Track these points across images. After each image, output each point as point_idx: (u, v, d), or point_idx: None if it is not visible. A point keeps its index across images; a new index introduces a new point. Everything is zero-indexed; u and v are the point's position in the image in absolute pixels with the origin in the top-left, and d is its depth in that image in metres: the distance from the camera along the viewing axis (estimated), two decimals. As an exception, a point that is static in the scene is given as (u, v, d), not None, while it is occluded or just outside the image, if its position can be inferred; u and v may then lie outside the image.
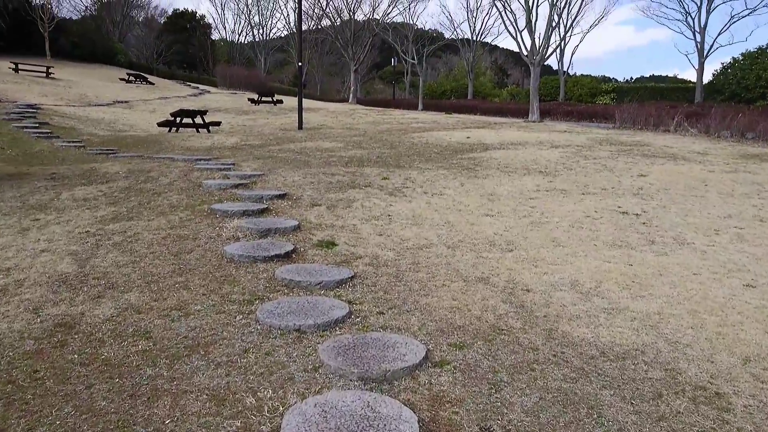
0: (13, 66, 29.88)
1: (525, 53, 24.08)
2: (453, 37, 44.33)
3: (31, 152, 12.78)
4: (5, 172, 9.49)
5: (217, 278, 4.75)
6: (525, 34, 23.98)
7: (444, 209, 7.45)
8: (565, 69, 39.21)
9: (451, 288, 4.69)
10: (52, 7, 41.54)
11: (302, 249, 5.58)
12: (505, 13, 25.67)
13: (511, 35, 24.08)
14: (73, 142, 14.28)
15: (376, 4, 38.69)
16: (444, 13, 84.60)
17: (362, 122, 21.40)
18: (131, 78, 35.40)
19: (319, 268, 4.96)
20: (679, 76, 55.57)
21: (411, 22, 42.78)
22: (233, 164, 10.09)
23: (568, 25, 26.71)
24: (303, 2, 38.74)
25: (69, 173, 9.38)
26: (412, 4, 39.67)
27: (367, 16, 39.27)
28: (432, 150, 13.17)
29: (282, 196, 7.52)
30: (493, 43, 65.73)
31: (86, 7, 53.51)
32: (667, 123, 18.62)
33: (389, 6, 39.07)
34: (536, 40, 23.58)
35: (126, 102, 26.94)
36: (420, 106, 34.39)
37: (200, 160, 10.57)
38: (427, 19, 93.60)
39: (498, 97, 42.64)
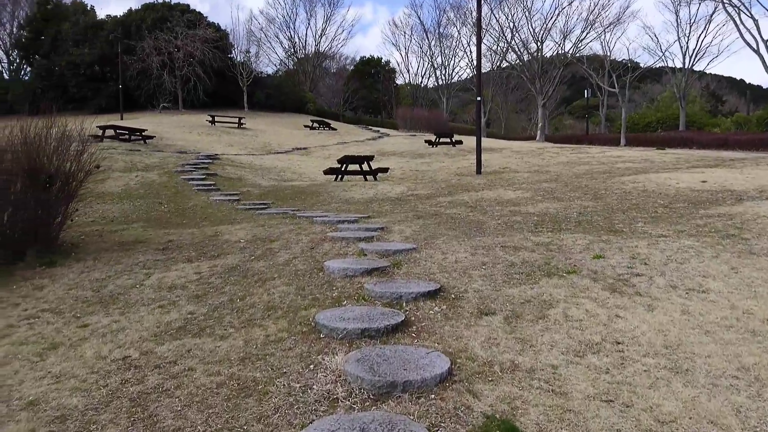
0: (210, 118, 31.70)
1: (770, 69, 18.80)
2: (658, 62, 38.51)
3: (182, 208, 11.76)
4: (122, 240, 8.09)
5: None
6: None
7: (723, 329, 4.08)
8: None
9: None
10: (251, 64, 44.71)
11: (449, 446, 2.73)
12: (740, 20, 20.47)
13: (751, 47, 18.92)
14: (230, 195, 13.18)
15: (568, 31, 34.70)
16: (648, 34, 72.08)
17: (553, 163, 18.01)
18: (314, 125, 35.90)
19: None
20: None
21: (606, 49, 38.11)
22: (382, 228, 7.62)
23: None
24: (487, 37, 36.44)
25: (186, 241, 7.66)
26: (609, 28, 35.15)
27: (558, 44, 35.54)
28: (656, 202, 9.52)
29: (433, 294, 4.77)
30: (701, 69, 56.72)
31: (281, 60, 57.32)
32: None
33: (583, 32, 34.95)
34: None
35: (304, 149, 26.67)
36: (622, 141, 29.64)
37: (344, 222, 8.30)
38: (627, 42, 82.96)
39: (718, 126, 35.77)
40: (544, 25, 36.15)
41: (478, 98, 16.59)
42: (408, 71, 66.84)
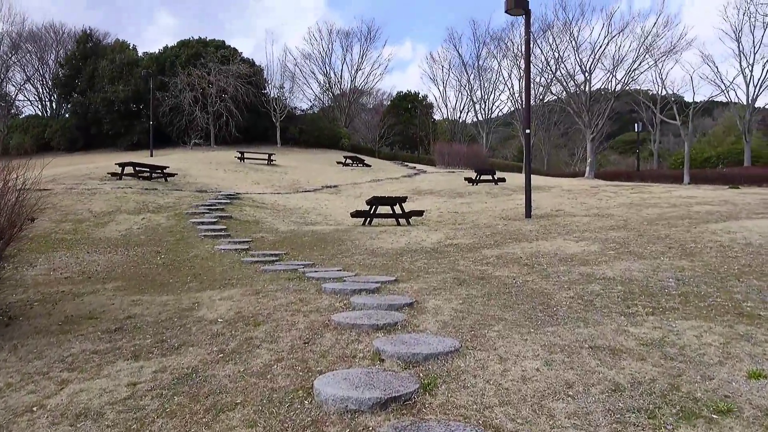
0: (239, 155, 30.44)
1: None
2: (720, 95, 35.56)
3: (179, 260, 9.98)
4: (73, 313, 6.23)
5: None
6: None
7: None
8: None
9: None
10: (285, 99, 43.80)
11: None
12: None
13: None
14: (240, 243, 11.36)
15: (619, 60, 32.30)
16: (707, 63, 62.51)
17: (614, 205, 15.68)
18: (348, 161, 34.31)
19: None
20: None
21: (658, 81, 35.62)
22: (411, 305, 5.55)
23: None
24: (531, 68, 34.56)
25: (150, 318, 5.75)
26: (662, 58, 32.64)
27: (611, 73, 33.00)
28: (777, 263, 7.21)
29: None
30: (764, 103, 52.52)
31: (316, 95, 56.49)
32: None
33: (634, 62, 32.54)
34: None
35: (334, 186, 24.94)
36: (686, 179, 26.92)
37: (361, 291, 6.26)
38: (689, 70, 76.81)
39: (789, 162, 32.65)
40: (593, 55, 34.02)
41: (527, 131, 14.52)
42: (446, 106, 64.86)
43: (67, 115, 46.34)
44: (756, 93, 32.57)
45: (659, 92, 35.51)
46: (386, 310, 5.31)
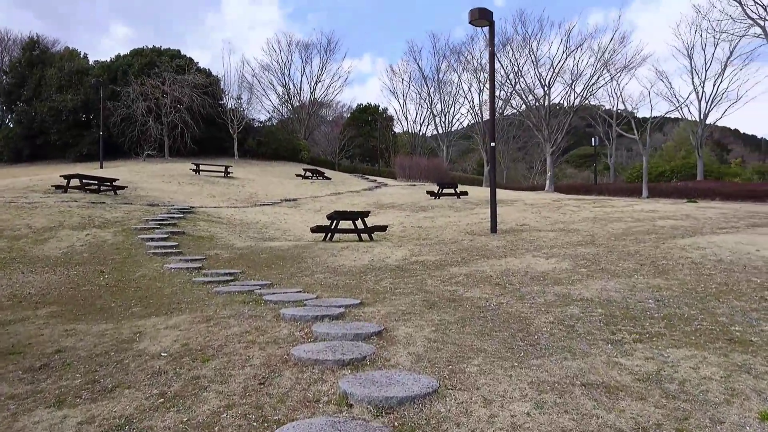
0: (194, 167, 29.42)
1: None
2: (673, 111, 36.48)
3: (124, 280, 9.22)
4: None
5: None
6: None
7: None
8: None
9: None
10: (243, 110, 42.85)
11: None
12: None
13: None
14: (192, 261, 10.65)
15: (578, 74, 32.68)
16: (662, 80, 61.27)
17: (578, 219, 15.53)
18: (307, 174, 33.63)
19: None
20: None
21: (614, 96, 36.28)
22: (379, 333, 5.03)
23: None
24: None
25: (83, 352, 5.06)
26: (617, 75, 33.17)
27: (570, 86, 33.40)
28: (751, 280, 7.01)
29: None
30: (716, 119, 53.56)
31: (275, 107, 55.65)
32: None
33: (592, 77, 32.99)
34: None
35: (294, 200, 24.25)
36: (644, 193, 27.24)
37: (324, 317, 5.71)
38: (646, 85, 78.14)
39: (738, 176, 33.62)
40: (552, 69, 34.39)
41: (492, 144, 14.25)
42: (406, 119, 64.79)
43: (11, 125, 44.24)
44: (708, 108, 33.50)
45: (616, 107, 36.14)
46: (352, 340, 4.77)
